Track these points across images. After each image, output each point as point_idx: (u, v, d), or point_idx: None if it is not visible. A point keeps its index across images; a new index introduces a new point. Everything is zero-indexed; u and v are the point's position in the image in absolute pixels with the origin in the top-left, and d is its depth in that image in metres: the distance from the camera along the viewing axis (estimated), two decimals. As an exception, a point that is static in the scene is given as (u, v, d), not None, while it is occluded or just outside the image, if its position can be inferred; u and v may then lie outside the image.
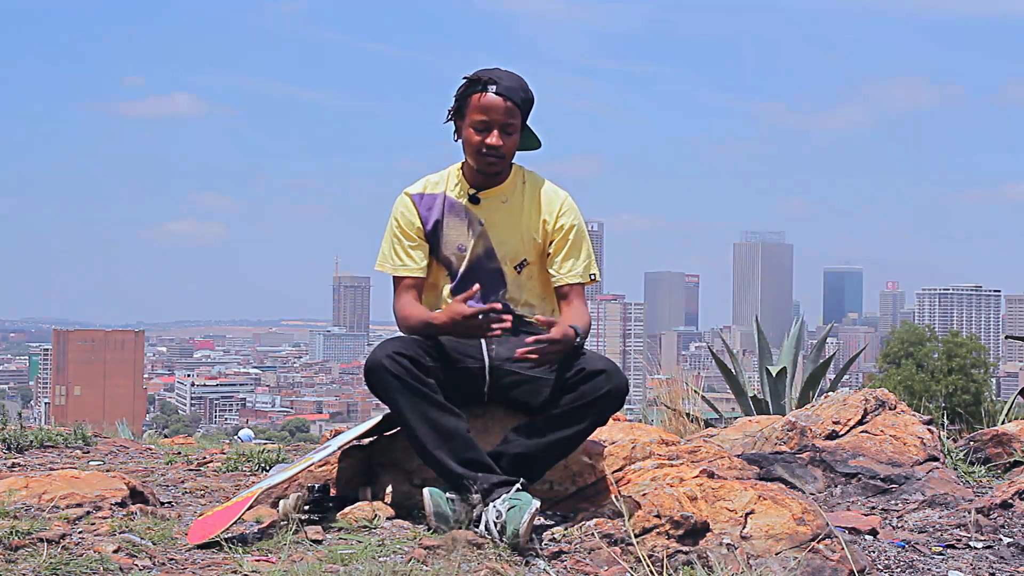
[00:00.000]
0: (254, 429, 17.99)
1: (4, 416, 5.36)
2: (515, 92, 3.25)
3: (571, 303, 3.33)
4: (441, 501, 3.00)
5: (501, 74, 3.26)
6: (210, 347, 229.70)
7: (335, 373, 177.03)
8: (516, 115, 3.25)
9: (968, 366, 26.10)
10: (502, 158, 3.27)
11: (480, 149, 3.25)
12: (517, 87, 3.26)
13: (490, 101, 3.22)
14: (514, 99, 3.24)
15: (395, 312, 3.34)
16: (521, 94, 3.26)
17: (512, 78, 3.27)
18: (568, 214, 3.36)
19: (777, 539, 2.71)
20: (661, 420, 6.10)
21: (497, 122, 3.23)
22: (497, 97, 3.22)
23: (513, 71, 3.30)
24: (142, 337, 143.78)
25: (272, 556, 2.70)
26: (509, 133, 3.25)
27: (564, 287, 3.34)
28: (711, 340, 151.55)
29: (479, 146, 3.25)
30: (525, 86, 3.29)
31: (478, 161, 3.28)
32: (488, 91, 3.22)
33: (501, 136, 3.24)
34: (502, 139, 3.24)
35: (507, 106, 3.22)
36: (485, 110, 3.23)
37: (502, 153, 3.26)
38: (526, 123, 3.33)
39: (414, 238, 3.36)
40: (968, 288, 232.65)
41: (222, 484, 3.83)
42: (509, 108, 3.23)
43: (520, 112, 3.26)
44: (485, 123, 3.23)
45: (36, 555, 2.58)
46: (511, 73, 3.30)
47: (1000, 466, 4.14)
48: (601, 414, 3.11)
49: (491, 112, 3.22)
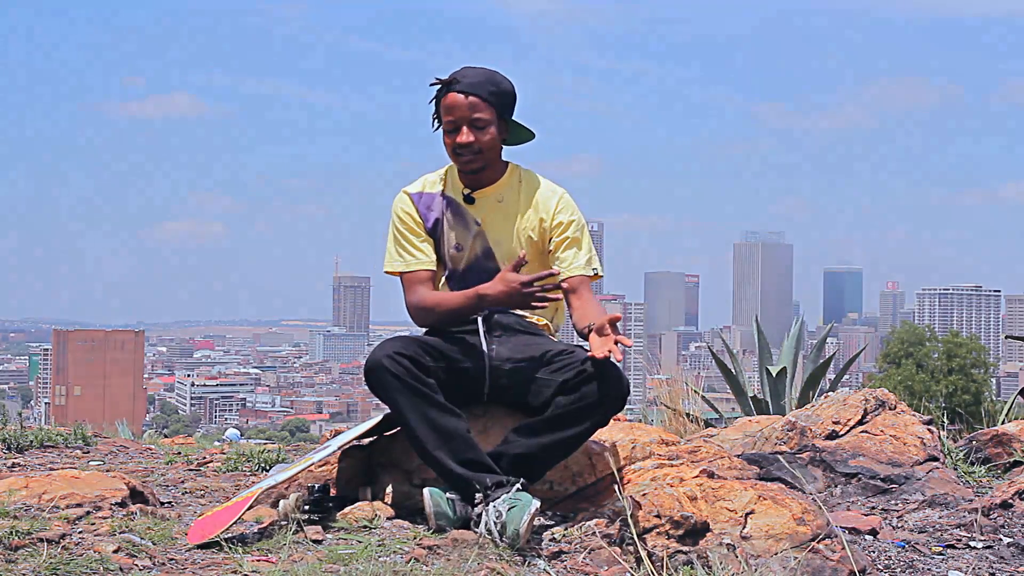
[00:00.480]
0: (254, 429, 17.99)
1: (4, 416, 5.36)
2: (478, 86, 3.22)
3: (582, 296, 3.26)
4: (441, 501, 3.00)
5: (466, 71, 3.25)
6: (210, 347, 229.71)
7: (335, 373, 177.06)
8: (483, 109, 3.22)
9: (968, 366, 26.12)
10: (478, 153, 3.25)
11: (453, 150, 3.25)
12: (482, 81, 3.23)
13: (451, 100, 3.22)
14: (478, 93, 3.21)
15: (414, 306, 3.30)
16: (488, 87, 3.23)
17: (477, 73, 3.25)
18: (565, 210, 3.35)
19: (777, 539, 2.71)
20: (661, 420, 6.10)
21: (464, 119, 3.22)
22: (458, 95, 3.21)
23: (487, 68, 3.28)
24: (142, 337, 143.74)
25: (272, 556, 2.70)
26: (480, 128, 3.23)
27: (573, 279, 3.27)
28: (711, 340, 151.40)
29: (452, 147, 3.25)
30: (494, 79, 3.26)
31: (456, 162, 3.29)
32: (451, 91, 3.22)
33: (472, 132, 3.22)
34: (473, 134, 3.22)
35: (469, 102, 3.21)
36: (449, 110, 3.23)
37: (476, 148, 3.24)
38: (509, 115, 3.30)
39: (419, 233, 3.35)
40: (968, 288, 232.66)
41: (222, 484, 3.83)
42: (472, 103, 3.21)
43: (489, 105, 3.22)
44: (452, 123, 3.23)
45: (36, 555, 2.58)
46: (478, 69, 3.27)
47: (1000, 466, 4.14)
48: (602, 415, 3.11)
49: (455, 111, 3.22)
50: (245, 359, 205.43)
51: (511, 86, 3.30)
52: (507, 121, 3.31)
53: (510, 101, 3.30)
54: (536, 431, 3.09)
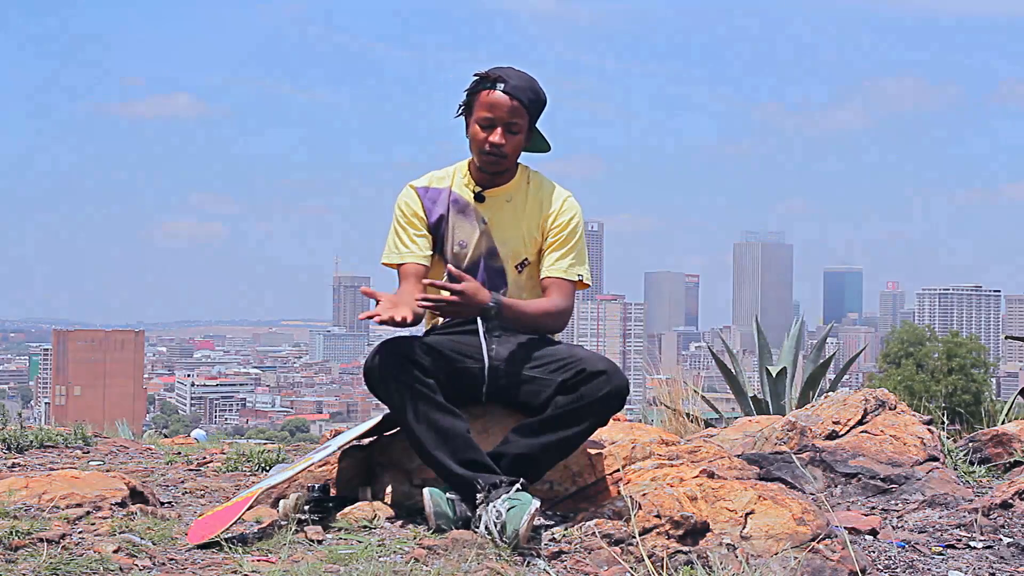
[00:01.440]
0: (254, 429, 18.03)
1: (4, 416, 5.37)
2: (522, 91, 3.22)
3: (548, 295, 3.30)
4: (441, 501, 3.00)
5: (511, 73, 3.25)
6: (210, 347, 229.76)
7: (335, 373, 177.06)
8: (522, 115, 3.23)
9: (968, 366, 26.10)
10: (504, 157, 3.25)
11: (483, 146, 3.24)
12: (526, 87, 3.24)
13: (496, 99, 3.21)
14: (521, 98, 3.22)
15: None
16: (529, 94, 3.24)
17: (522, 78, 3.25)
18: (567, 212, 3.35)
19: (777, 539, 2.71)
20: (661, 420, 6.10)
21: (502, 120, 3.22)
22: (503, 95, 3.20)
23: (527, 73, 3.27)
24: (142, 337, 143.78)
25: (272, 556, 2.70)
26: (514, 132, 3.24)
27: (546, 279, 3.31)
28: (711, 340, 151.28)
29: (483, 143, 3.24)
30: (535, 87, 3.26)
31: (480, 158, 3.28)
32: (496, 88, 3.21)
33: (505, 135, 3.22)
34: (506, 138, 3.22)
35: (512, 105, 3.21)
36: (491, 107, 3.21)
37: (504, 152, 3.24)
38: (535, 125, 3.32)
39: (418, 227, 3.35)
40: (968, 288, 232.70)
41: (222, 484, 3.83)
42: (514, 107, 3.21)
43: (527, 112, 3.24)
44: (490, 120, 3.22)
45: (36, 555, 2.58)
46: (522, 73, 3.27)
47: (1000, 466, 4.13)
48: (601, 415, 3.11)
49: (496, 109, 3.21)
50: (245, 359, 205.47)
51: (546, 97, 3.31)
52: (533, 130, 3.33)
53: (541, 111, 3.31)
54: (536, 431, 3.09)
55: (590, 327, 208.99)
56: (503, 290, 3.32)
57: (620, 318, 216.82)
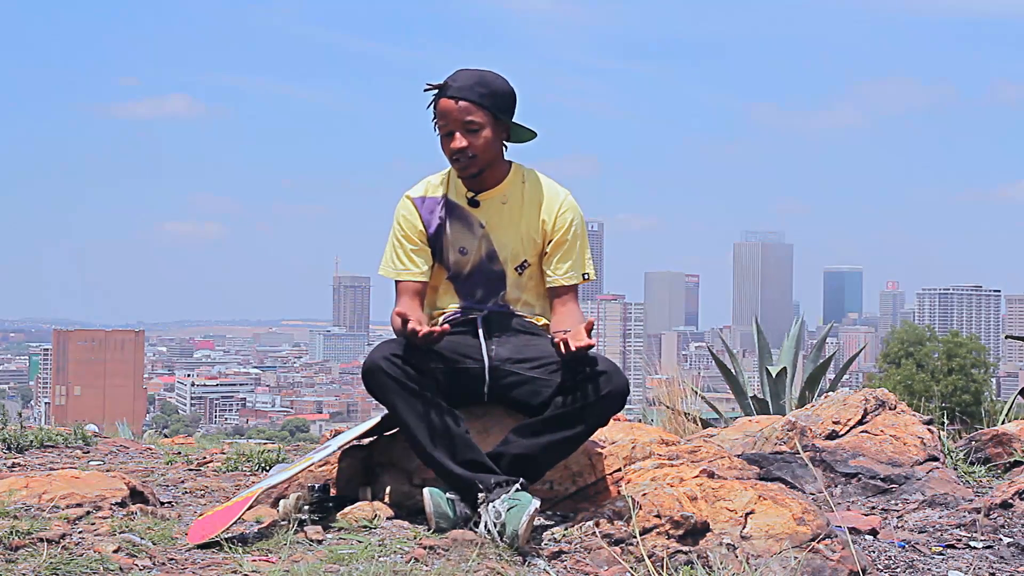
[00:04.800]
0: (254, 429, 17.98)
1: (4, 416, 5.36)
2: (468, 90, 3.17)
3: (566, 304, 3.32)
4: (441, 501, 3.00)
5: (459, 75, 3.21)
6: (210, 347, 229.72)
7: (335, 373, 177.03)
8: (475, 112, 3.17)
9: (968, 366, 26.13)
10: (473, 158, 3.21)
11: (449, 155, 3.23)
12: (472, 84, 3.18)
13: (443, 106, 3.19)
14: (468, 97, 3.17)
15: (393, 313, 3.32)
16: (479, 89, 3.18)
17: (468, 76, 3.20)
18: (567, 213, 3.34)
19: (777, 539, 2.71)
20: (661, 420, 6.11)
21: (457, 123, 3.18)
22: (449, 100, 3.18)
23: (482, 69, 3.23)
24: (142, 337, 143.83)
25: (272, 556, 2.70)
26: (473, 131, 3.18)
27: (559, 288, 3.32)
28: (711, 340, 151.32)
29: (448, 152, 3.23)
30: (485, 79, 3.21)
31: (454, 167, 3.27)
32: (443, 96, 3.19)
33: (465, 136, 3.18)
34: (467, 139, 3.18)
35: (459, 106, 3.17)
36: (442, 115, 3.20)
37: (471, 154, 3.20)
38: (508, 116, 3.25)
39: (416, 242, 3.34)
40: (968, 288, 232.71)
41: (222, 484, 3.83)
42: (463, 107, 3.17)
43: (481, 107, 3.18)
44: (447, 128, 3.20)
45: (36, 555, 2.58)
46: (471, 71, 3.22)
47: (1000, 466, 4.14)
48: (602, 415, 3.11)
49: (446, 116, 3.19)
50: (245, 359, 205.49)
51: (506, 85, 3.24)
52: (505, 122, 3.27)
53: (506, 101, 3.24)
54: (536, 431, 3.09)
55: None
56: (502, 292, 3.32)
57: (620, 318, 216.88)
